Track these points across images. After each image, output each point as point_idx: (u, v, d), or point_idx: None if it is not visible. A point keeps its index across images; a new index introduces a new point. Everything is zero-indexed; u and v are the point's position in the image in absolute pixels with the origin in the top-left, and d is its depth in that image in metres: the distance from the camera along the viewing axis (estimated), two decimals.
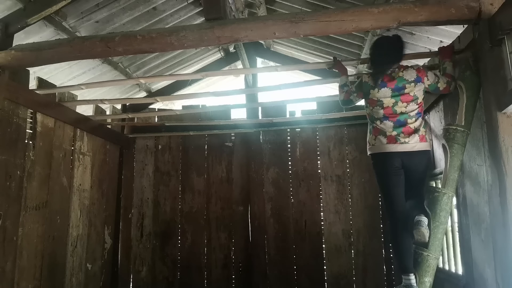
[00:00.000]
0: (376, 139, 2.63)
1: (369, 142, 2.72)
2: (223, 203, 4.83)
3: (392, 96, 2.57)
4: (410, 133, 2.55)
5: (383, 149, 2.59)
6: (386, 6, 2.41)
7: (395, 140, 2.55)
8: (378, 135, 2.62)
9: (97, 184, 4.32)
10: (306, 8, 3.94)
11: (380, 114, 2.62)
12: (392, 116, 2.58)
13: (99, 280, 4.34)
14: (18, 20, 2.89)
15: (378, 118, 2.63)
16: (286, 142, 4.85)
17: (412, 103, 2.57)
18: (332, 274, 4.51)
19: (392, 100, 2.57)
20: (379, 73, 2.62)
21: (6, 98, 2.92)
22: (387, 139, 2.58)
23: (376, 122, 2.64)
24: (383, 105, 2.60)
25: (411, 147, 2.54)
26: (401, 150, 2.54)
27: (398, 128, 2.56)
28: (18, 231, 3.06)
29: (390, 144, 2.56)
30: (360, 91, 2.75)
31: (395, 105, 2.57)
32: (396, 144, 2.55)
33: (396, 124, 2.57)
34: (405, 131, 2.55)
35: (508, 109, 2.06)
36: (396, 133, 2.56)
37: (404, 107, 2.56)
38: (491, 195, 2.27)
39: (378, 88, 2.60)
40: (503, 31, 2.04)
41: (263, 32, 2.55)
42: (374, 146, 2.65)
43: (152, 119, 5.02)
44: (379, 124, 2.62)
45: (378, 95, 2.60)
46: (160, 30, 2.78)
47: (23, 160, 3.14)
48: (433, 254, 2.44)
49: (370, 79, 2.67)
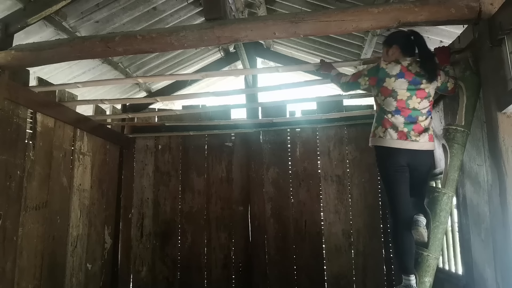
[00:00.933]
0: (386, 132, 2.52)
1: (375, 133, 2.58)
2: (223, 203, 4.83)
3: (408, 89, 2.49)
4: (420, 132, 2.49)
5: (393, 144, 2.50)
6: (386, 6, 2.41)
7: (406, 137, 2.48)
8: (388, 128, 2.52)
9: (97, 184, 4.32)
10: (306, 8, 3.94)
11: (392, 107, 2.51)
12: (404, 110, 2.49)
13: (99, 280, 4.34)
14: (18, 20, 2.89)
15: (390, 111, 2.52)
16: (286, 142, 4.85)
17: (425, 100, 2.51)
18: (332, 274, 4.51)
19: (407, 93, 2.49)
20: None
21: (6, 98, 2.92)
22: (398, 134, 2.49)
23: (388, 115, 2.53)
24: (397, 97, 2.50)
25: (420, 146, 2.48)
26: (410, 148, 2.48)
27: (409, 124, 2.49)
28: (18, 231, 3.06)
29: (400, 140, 2.48)
30: (374, 76, 2.60)
31: (409, 99, 2.49)
32: (406, 141, 2.48)
33: (407, 120, 2.49)
34: (415, 129, 2.49)
35: (508, 109, 2.06)
36: (407, 129, 2.49)
37: (417, 103, 2.50)
38: (491, 195, 2.27)
39: (396, 78, 2.50)
40: (503, 31, 2.04)
41: (263, 32, 2.55)
42: (383, 138, 2.54)
43: (152, 119, 5.02)
44: (391, 118, 2.52)
45: (394, 84, 2.50)
46: (160, 30, 2.78)
47: (23, 160, 3.14)
48: (433, 254, 2.44)
49: (388, 66, 2.55)
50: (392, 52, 2.61)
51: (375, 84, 2.61)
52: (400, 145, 2.49)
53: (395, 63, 2.55)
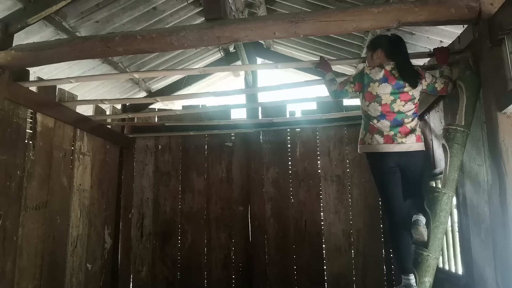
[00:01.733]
0: (372, 138, 2.58)
1: (364, 140, 2.65)
2: (223, 203, 4.83)
3: (391, 93, 2.53)
4: (407, 133, 2.54)
5: (380, 149, 2.56)
6: (386, 6, 2.41)
7: (392, 140, 2.53)
8: (374, 134, 2.58)
9: (97, 184, 4.32)
10: (306, 8, 3.94)
11: (377, 112, 2.57)
12: (389, 114, 2.54)
13: (99, 280, 4.34)
14: (18, 20, 2.89)
15: (375, 117, 2.58)
16: (286, 142, 4.85)
17: (410, 103, 2.55)
18: (332, 274, 4.52)
19: (391, 97, 2.54)
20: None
21: (6, 98, 2.92)
22: (384, 138, 2.55)
23: (373, 120, 2.60)
24: (381, 102, 2.55)
25: (408, 147, 2.53)
26: (398, 150, 2.53)
27: (395, 127, 2.54)
28: (18, 231, 3.06)
29: (387, 144, 2.54)
30: (359, 82, 2.65)
31: (393, 102, 2.54)
32: (393, 144, 2.53)
33: (393, 124, 2.54)
34: (402, 131, 2.53)
35: (508, 109, 2.06)
36: (393, 133, 2.54)
37: (402, 106, 2.54)
38: (491, 195, 2.27)
39: (379, 83, 2.55)
40: (503, 31, 2.04)
41: (263, 32, 2.55)
42: (371, 145, 2.60)
43: (152, 119, 5.02)
44: (376, 123, 2.58)
45: (378, 89, 2.55)
46: (160, 30, 2.78)
47: (23, 160, 3.14)
48: (433, 254, 2.44)
49: (372, 71, 2.60)
50: (376, 56, 2.66)
51: (360, 90, 2.66)
52: (388, 149, 2.54)
53: (379, 68, 2.59)
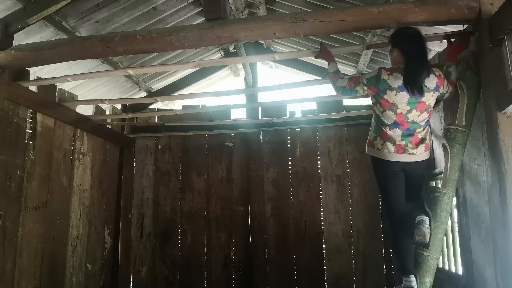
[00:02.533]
0: (383, 145, 2.47)
1: (374, 143, 2.53)
2: (223, 203, 4.83)
3: (408, 102, 2.37)
4: (417, 143, 2.46)
5: (390, 158, 2.46)
6: (386, 6, 2.41)
7: (403, 150, 2.44)
8: (386, 141, 2.46)
9: (97, 184, 4.32)
10: (306, 8, 3.94)
11: (391, 120, 2.43)
12: (403, 123, 2.42)
13: (99, 280, 4.34)
14: (18, 20, 2.89)
15: (388, 124, 2.45)
16: (286, 142, 4.85)
17: (425, 112, 2.43)
18: (332, 274, 4.51)
19: (407, 107, 2.38)
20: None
21: (6, 98, 2.92)
22: (396, 147, 2.45)
23: (386, 127, 2.46)
24: (396, 111, 2.40)
25: (416, 158, 2.46)
26: (407, 160, 2.46)
27: (407, 137, 2.44)
28: (18, 231, 3.06)
29: (397, 153, 2.45)
30: (374, 87, 2.44)
31: (408, 112, 2.39)
32: (404, 154, 2.44)
33: (405, 133, 2.44)
34: (412, 141, 2.44)
35: (508, 109, 2.06)
36: (405, 142, 2.44)
37: (417, 116, 2.41)
38: (491, 195, 2.27)
39: (397, 91, 2.36)
40: (503, 31, 2.04)
41: (263, 32, 2.55)
42: (381, 151, 2.48)
43: (152, 119, 5.02)
44: (388, 131, 2.45)
45: (395, 98, 2.37)
46: (160, 30, 2.78)
47: (23, 160, 3.14)
48: (434, 254, 2.44)
49: (390, 77, 2.39)
50: (393, 56, 2.50)
51: (374, 94, 2.48)
52: (397, 158, 2.46)
53: (398, 74, 2.39)
